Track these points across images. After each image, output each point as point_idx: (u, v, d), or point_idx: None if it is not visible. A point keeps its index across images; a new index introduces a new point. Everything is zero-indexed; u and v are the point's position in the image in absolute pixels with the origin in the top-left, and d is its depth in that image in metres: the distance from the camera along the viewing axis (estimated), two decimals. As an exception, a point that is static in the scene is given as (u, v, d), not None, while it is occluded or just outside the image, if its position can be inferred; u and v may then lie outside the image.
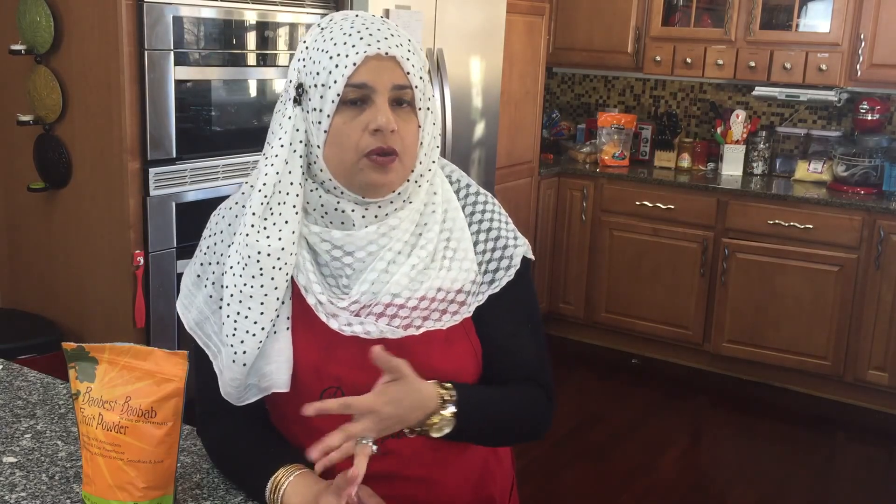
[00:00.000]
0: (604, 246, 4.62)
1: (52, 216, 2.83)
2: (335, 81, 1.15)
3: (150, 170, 2.64)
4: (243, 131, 2.95)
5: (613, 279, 4.62)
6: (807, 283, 4.10)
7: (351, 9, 3.17)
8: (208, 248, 1.30)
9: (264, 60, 2.96)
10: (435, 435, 1.18)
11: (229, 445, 1.30)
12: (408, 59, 1.17)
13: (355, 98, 1.16)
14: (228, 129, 2.91)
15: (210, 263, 1.29)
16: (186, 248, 2.76)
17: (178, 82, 2.67)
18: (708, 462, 3.68)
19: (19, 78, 2.78)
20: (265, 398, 1.29)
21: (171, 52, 2.63)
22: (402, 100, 1.18)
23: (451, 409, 1.18)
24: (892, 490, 3.47)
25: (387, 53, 1.16)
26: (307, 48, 1.20)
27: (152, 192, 2.65)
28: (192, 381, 1.20)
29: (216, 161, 2.82)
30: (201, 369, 1.30)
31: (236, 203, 1.29)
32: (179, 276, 2.75)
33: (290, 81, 1.21)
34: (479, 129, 3.96)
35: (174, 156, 2.70)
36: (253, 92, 3.00)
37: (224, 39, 2.82)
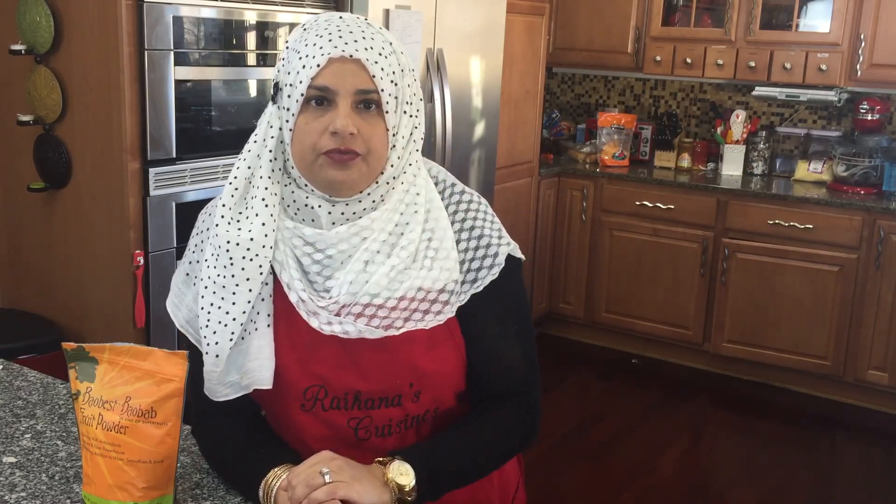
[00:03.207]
0: (604, 246, 4.62)
1: (52, 216, 2.83)
2: (300, 82, 1.17)
3: (150, 170, 2.64)
4: (243, 131, 2.93)
5: (613, 279, 4.62)
6: (807, 283, 4.10)
7: (350, 9, 3.17)
8: (195, 245, 1.32)
9: (264, 60, 2.96)
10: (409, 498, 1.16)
11: (223, 447, 1.30)
12: (375, 63, 1.17)
13: (318, 100, 1.17)
14: (228, 129, 2.91)
15: (198, 261, 1.30)
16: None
17: (178, 82, 2.67)
18: (708, 462, 3.68)
19: (19, 78, 2.78)
20: (255, 398, 1.30)
21: (171, 52, 2.63)
22: (370, 102, 1.18)
23: (408, 488, 1.16)
24: (892, 490, 3.47)
25: (351, 56, 1.16)
26: (287, 48, 1.22)
27: (152, 192, 2.65)
28: (189, 379, 1.20)
29: (216, 161, 2.82)
30: (197, 368, 1.30)
31: (222, 204, 1.29)
32: (179, 276, 2.76)
33: (273, 81, 1.24)
34: (479, 129, 3.96)
35: (174, 156, 2.70)
36: (253, 92, 2.99)
37: (224, 39, 2.82)
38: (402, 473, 1.15)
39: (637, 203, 4.50)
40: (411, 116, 1.24)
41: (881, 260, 3.95)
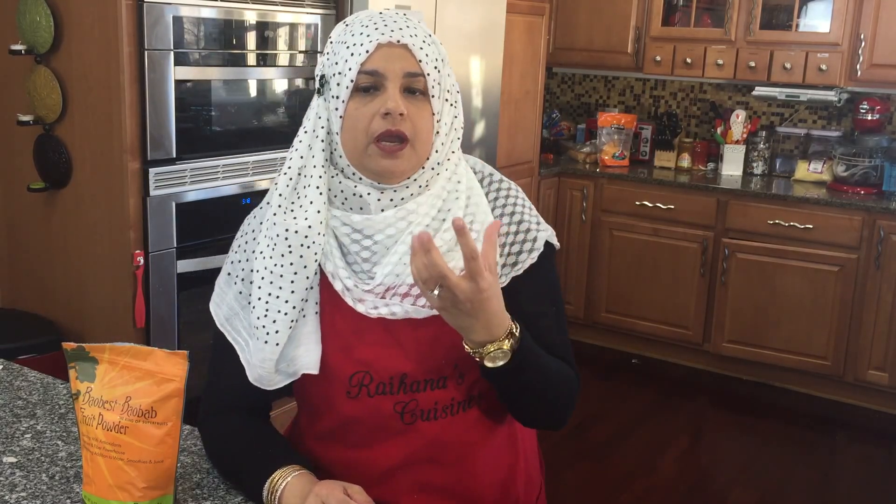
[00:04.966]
0: (604, 246, 4.62)
1: (52, 216, 2.83)
2: (350, 69, 1.20)
3: (150, 170, 2.64)
4: (243, 131, 2.95)
5: (613, 279, 4.62)
6: (807, 283, 4.10)
7: (351, 9, 3.17)
8: (239, 246, 1.34)
9: (264, 60, 2.96)
10: (488, 364, 1.16)
11: (228, 443, 1.31)
12: (420, 48, 1.21)
13: (368, 85, 1.20)
14: (228, 129, 2.91)
15: (240, 261, 1.32)
16: (186, 248, 2.76)
17: (178, 82, 2.67)
18: (708, 462, 3.68)
19: (19, 78, 2.78)
20: (296, 392, 1.31)
21: (171, 52, 2.63)
22: (415, 88, 1.22)
23: (510, 343, 1.17)
24: (892, 490, 3.47)
25: (398, 41, 1.20)
26: (331, 42, 1.26)
27: (152, 192, 2.65)
28: (196, 378, 1.20)
29: (216, 161, 2.82)
30: (218, 366, 1.32)
31: (268, 203, 1.31)
32: (180, 276, 2.76)
33: (317, 75, 1.27)
34: (479, 129, 3.96)
35: (174, 156, 2.70)
36: (253, 92, 3.00)
37: (224, 39, 2.82)
38: (497, 359, 1.17)
39: (637, 203, 4.50)
40: (452, 105, 1.28)
41: (881, 260, 3.95)
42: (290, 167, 1.25)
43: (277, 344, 1.24)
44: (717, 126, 4.71)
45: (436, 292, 1.10)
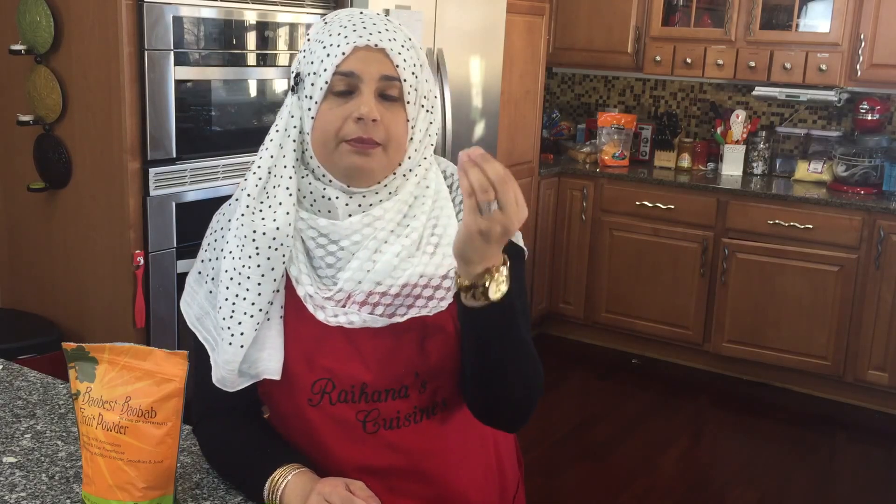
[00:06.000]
0: (604, 246, 4.62)
1: (52, 216, 2.83)
2: (325, 69, 1.18)
3: (150, 170, 2.64)
4: (243, 131, 2.95)
5: (613, 279, 4.62)
6: (807, 283, 4.10)
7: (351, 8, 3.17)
8: (209, 245, 1.32)
9: (264, 60, 2.96)
10: (492, 295, 1.09)
11: (225, 444, 1.31)
12: (399, 53, 1.19)
13: (343, 87, 1.19)
14: (228, 129, 2.91)
15: (210, 259, 1.31)
16: (186, 248, 2.76)
17: (178, 82, 2.67)
18: (708, 462, 3.68)
19: (19, 78, 2.78)
20: (262, 396, 1.30)
21: (171, 52, 2.63)
22: (391, 93, 1.20)
23: (505, 271, 1.10)
24: (893, 490, 3.47)
25: (376, 45, 1.18)
26: (308, 40, 1.24)
27: (152, 192, 2.65)
28: (190, 379, 1.20)
29: (216, 161, 2.82)
30: (200, 367, 1.31)
31: (236, 200, 1.30)
32: (180, 276, 2.76)
33: (292, 72, 1.25)
34: (479, 129, 3.96)
35: (174, 156, 2.70)
36: (253, 92, 3.00)
37: (224, 39, 2.82)
38: (501, 286, 1.10)
39: (637, 203, 4.50)
40: (428, 111, 1.26)
41: (881, 260, 3.95)
42: (259, 167, 1.22)
43: (242, 346, 1.23)
44: (717, 126, 4.71)
45: (494, 206, 1.04)
